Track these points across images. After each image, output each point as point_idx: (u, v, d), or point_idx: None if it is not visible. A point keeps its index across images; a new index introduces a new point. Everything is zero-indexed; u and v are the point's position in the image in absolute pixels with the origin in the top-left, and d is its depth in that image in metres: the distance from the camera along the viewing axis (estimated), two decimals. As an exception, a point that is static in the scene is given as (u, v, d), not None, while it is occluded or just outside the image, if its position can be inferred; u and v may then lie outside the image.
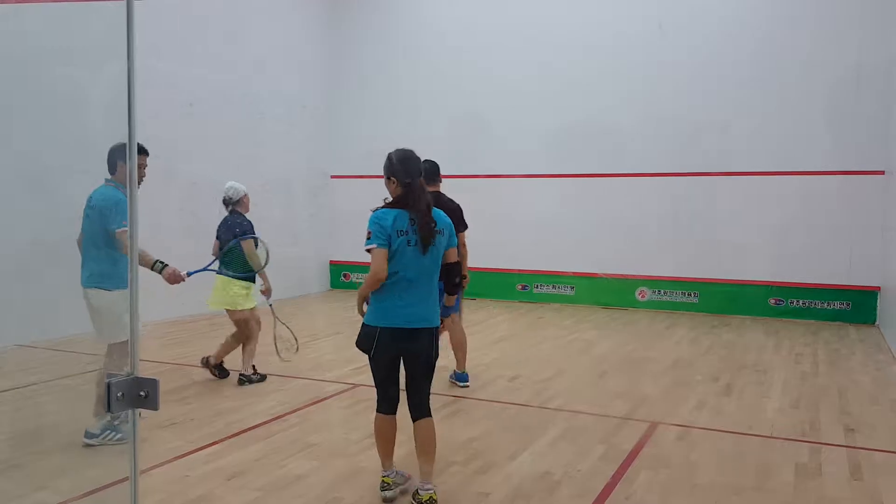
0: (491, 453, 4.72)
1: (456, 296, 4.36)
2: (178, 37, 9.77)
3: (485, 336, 8.95)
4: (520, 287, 12.03)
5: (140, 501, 3.81)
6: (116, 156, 4.75)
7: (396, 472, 4.07)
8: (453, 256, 4.03)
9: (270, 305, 6.38)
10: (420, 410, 3.99)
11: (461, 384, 6.41)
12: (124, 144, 4.70)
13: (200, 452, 4.70)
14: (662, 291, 11.16)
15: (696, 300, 10.97)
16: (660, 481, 4.29)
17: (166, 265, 4.82)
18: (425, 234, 3.75)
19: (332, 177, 12.99)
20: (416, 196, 3.81)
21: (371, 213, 3.82)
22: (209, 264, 5.13)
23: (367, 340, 3.86)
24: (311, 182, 12.59)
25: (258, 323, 6.61)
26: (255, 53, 11.27)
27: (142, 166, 4.85)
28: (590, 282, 11.52)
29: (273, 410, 5.65)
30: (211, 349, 6.73)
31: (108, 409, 1.48)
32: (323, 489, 4.12)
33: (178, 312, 9.40)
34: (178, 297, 9.06)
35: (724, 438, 5.15)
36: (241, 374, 6.46)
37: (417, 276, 3.78)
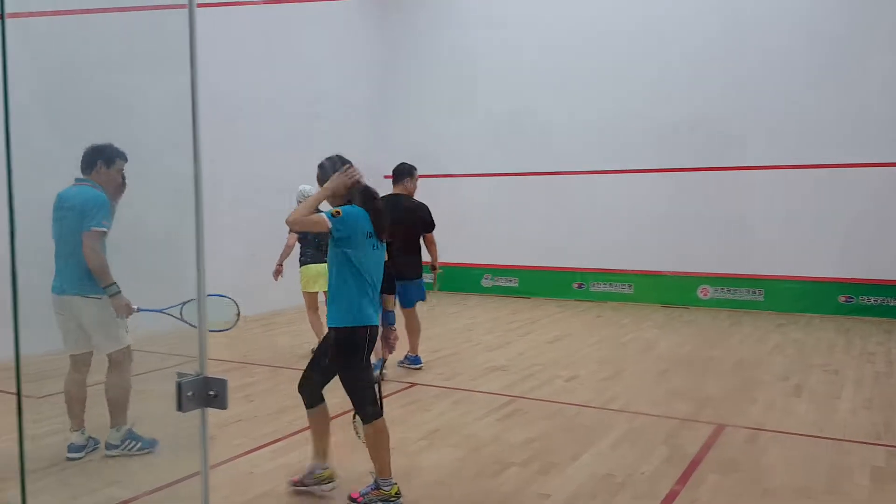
0: (550, 454, 4.67)
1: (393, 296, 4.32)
2: (231, 41, 9.94)
3: (540, 335, 8.88)
4: (576, 285, 11.89)
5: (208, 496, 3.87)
6: (97, 156, 4.45)
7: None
8: None
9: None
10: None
11: (415, 367, 6.88)
12: (106, 146, 4.49)
13: (265, 449, 4.78)
14: (726, 289, 10.88)
15: (761, 298, 10.65)
16: (727, 485, 4.17)
17: (119, 291, 4.35)
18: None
19: (385, 177, 13.02)
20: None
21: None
22: (169, 308, 4.46)
23: (361, 342, 3.75)
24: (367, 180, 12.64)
25: None
26: (307, 56, 11.39)
27: (119, 172, 4.54)
28: (649, 279, 11.31)
29: (332, 408, 5.68)
30: (272, 348, 6.85)
31: (179, 407, 1.50)
32: (383, 488, 4.12)
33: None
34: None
35: (794, 441, 4.98)
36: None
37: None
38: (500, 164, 12.30)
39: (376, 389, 3.87)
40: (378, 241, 3.83)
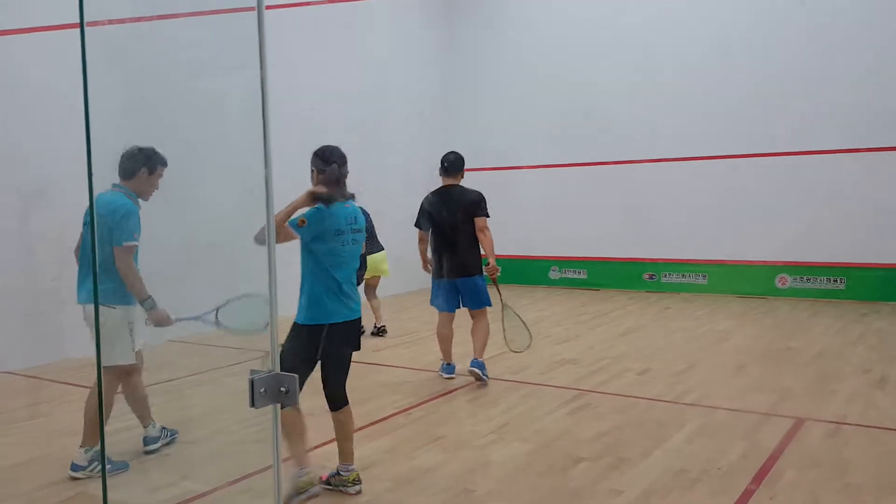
0: (622, 449, 4.59)
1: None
2: (299, 42, 10.10)
3: (610, 328, 8.74)
4: (647, 276, 11.66)
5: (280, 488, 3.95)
6: (142, 162, 4.29)
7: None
8: None
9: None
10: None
11: (478, 373, 6.18)
12: (151, 151, 4.36)
13: (334, 443, 4.85)
14: (805, 278, 10.47)
15: (842, 286, 10.22)
16: (807, 480, 4.01)
17: (156, 305, 4.22)
18: None
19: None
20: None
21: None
22: (205, 314, 4.34)
23: (307, 340, 3.85)
24: (430, 178, 12.69)
25: None
26: (371, 55, 11.46)
27: (159, 177, 4.41)
28: (724, 269, 10.99)
29: (399, 403, 5.75)
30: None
31: (252, 404, 1.53)
32: (453, 481, 4.14)
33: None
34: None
35: (877, 435, 4.76)
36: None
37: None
38: (567, 155, 12.16)
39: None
40: (354, 237, 3.87)
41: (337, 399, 3.99)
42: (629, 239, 11.62)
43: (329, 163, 3.89)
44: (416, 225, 6.41)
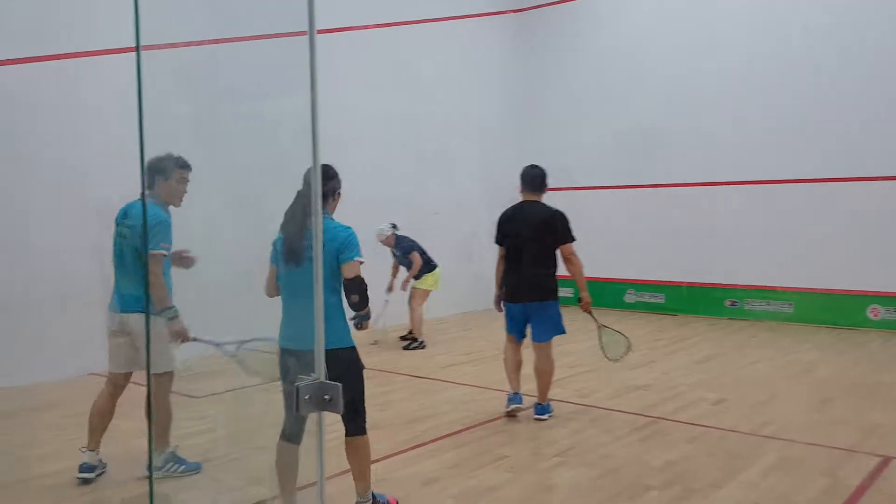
0: (692, 479, 4.42)
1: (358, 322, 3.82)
2: (362, 65, 10.24)
3: (687, 355, 8.46)
4: (728, 303, 11.25)
5: (343, 499, 3.99)
6: (153, 171, 4.32)
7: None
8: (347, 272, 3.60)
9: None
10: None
11: (542, 417, 5.69)
12: (162, 157, 4.35)
13: (399, 456, 4.87)
14: (899, 309, 9.88)
15: (941, 320, 9.58)
16: (894, 525, 3.76)
17: (178, 316, 4.22)
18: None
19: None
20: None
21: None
22: (226, 344, 4.29)
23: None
24: (499, 196, 12.64)
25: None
26: (439, 75, 11.51)
27: (184, 181, 4.42)
28: (812, 297, 10.48)
29: (466, 420, 5.73)
30: (405, 358, 6.99)
31: (297, 409, 1.56)
32: (515, 501, 4.08)
33: (372, 323, 9.87)
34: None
35: (978, 481, 4.42)
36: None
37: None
38: (646, 175, 11.92)
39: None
40: (294, 263, 3.53)
41: (346, 424, 3.85)
42: (711, 263, 11.25)
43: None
44: (496, 242, 5.91)
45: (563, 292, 5.92)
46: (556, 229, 5.57)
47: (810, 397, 6.47)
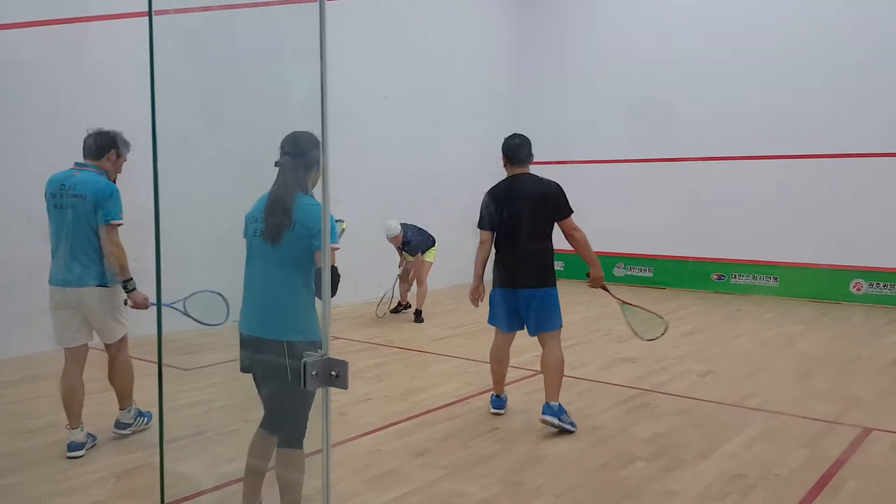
0: (679, 450, 4.54)
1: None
2: (372, 32, 10.22)
3: (675, 328, 8.54)
4: (715, 277, 11.39)
5: (336, 469, 4.06)
6: (112, 144, 4.38)
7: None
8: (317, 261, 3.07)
9: None
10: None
11: (558, 424, 4.81)
12: (118, 134, 4.42)
13: (392, 428, 4.96)
14: (882, 284, 10.04)
15: (923, 295, 9.77)
16: (870, 492, 3.89)
17: (135, 287, 4.28)
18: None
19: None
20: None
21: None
22: (174, 302, 4.24)
23: None
24: (497, 170, 12.65)
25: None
26: (444, 46, 11.52)
27: (123, 162, 4.49)
28: (796, 272, 10.64)
29: (458, 392, 5.82)
30: (397, 331, 7.04)
31: (304, 385, 1.60)
32: (506, 472, 4.18)
33: (367, 296, 9.94)
34: (363, 281, 9.58)
35: (954, 452, 4.56)
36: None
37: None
38: (636, 150, 11.98)
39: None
40: (270, 241, 3.07)
41: (278, 430, 3.26)
42: (698, 238, 11.37)
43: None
44: (478, 225, 5.19)
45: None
46: (554, 205, 4.89)
47: (793, 370, 6.62)
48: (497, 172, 5.23)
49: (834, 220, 10.22)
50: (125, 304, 4.37)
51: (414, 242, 8.83)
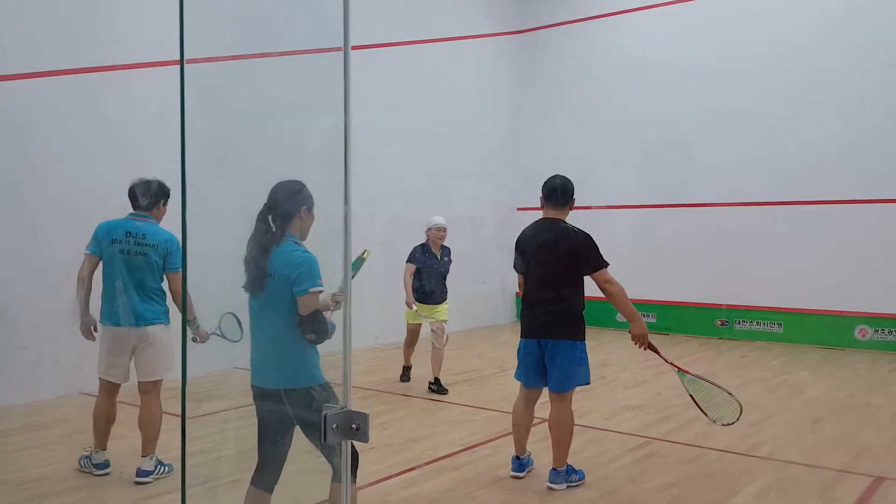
0: (689, 501, 4.47)
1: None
2: (374, 82, 10.36)
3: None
4: (719, 323, 11.35)
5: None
6: (162, 195, 4.79)
7: None
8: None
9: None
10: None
11: (558, 486, 4.64)
12: (163, 183, 4.83)
13: (398, 478, 4.89)
14: (887, 330, 9.99)
15: (928, 341, 9.72)
16: (889, 547, 3.82)
17: (199, 325, 4.49)
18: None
19: (519, 209, 13.14)
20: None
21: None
22: (218, 328, 4.23)
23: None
24: (498, 215, 12.76)
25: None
26: (445, 92, 11.67)
27: (165, 206, 4.88)
28: (801, 318, 10.60)
29: (464, 440, 5.76)
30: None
31: (324, 439, 1.59)
32: (514, 524, 4.11)
33: (368, 342, 9.89)
34: (377, 325, 9.54)
35: (969, 503, 4.49)
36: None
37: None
38: (634, 196, 12.05)
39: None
40: (251, 292, 3.16)
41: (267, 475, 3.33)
42: (702, 284, 11.36)
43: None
44: (514, 267, 5.01)
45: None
46: (581, 257, 4.64)
47: (802, 418, 6.55)
48: (501, 216, 5.25)
49: (839, 265, 10.23)
50: (193, 339, 4.58)
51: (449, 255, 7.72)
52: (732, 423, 4.42)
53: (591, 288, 4.82)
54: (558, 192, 4.77)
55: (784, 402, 7.22)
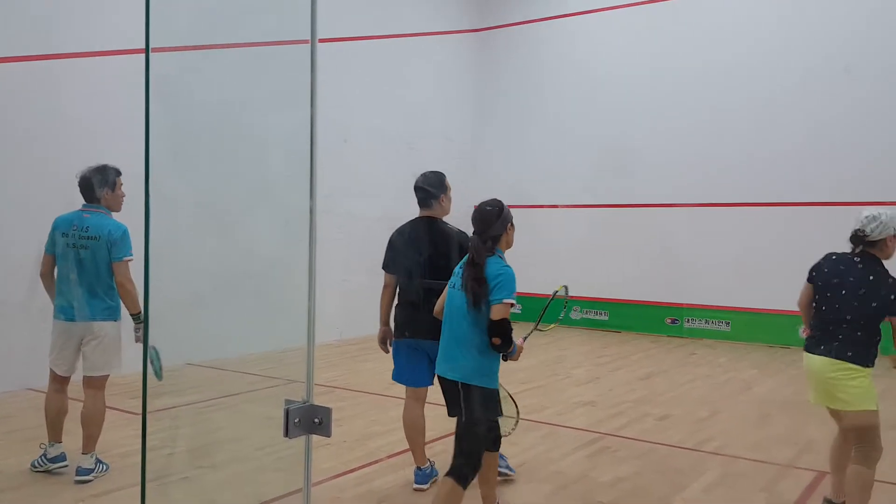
0: (640, 496, 4.55)
1: None
2: (333, 77, 10.28)
3: (630, 371, 8.68)
4: (669, 321, 11.59)
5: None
6: (102, 182, 4.67)
7: None
8: None
9: None
10: None
11: None
12: (102, 168, 4.73)
13: (352, 474, 4.87)
14: (829, 330, 10.32)
15: (868, 340, 10.06)
16: (830, 538, 3.95)
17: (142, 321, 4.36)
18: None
19: (475, 207, 13.14)
20: None
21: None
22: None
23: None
24: (455, 215, 12.72)
25: None
26: (404, 91, 11.65)
27: (121, 186, 4.78)
28: (748, 317, 10.88)
29: (420, 437, 5.74)
30: (358, 376, 6.93)
31: (286, 433, 1.57)
32: (469, 520, 4.12)
33: (326, 337, 9.82)
34: (332, 320, 9.47)
35: (905, 495, 4.67)
36: None
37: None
38: (591, 196, 12.20)
39: None
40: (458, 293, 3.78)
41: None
42: (652, 282, 11.58)
43: None
44: (383, 266, 4.78)
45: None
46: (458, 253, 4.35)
47: (749, 414, 6.73)
48: (458, 219, 5.23)
49: (785, 266, 10.49)
50: (135, 336, 4.56)
51: None
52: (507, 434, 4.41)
53: (536, 287, 4.83)
54: (424, 189, 4.83)
55: (732, 398, 7.41)
